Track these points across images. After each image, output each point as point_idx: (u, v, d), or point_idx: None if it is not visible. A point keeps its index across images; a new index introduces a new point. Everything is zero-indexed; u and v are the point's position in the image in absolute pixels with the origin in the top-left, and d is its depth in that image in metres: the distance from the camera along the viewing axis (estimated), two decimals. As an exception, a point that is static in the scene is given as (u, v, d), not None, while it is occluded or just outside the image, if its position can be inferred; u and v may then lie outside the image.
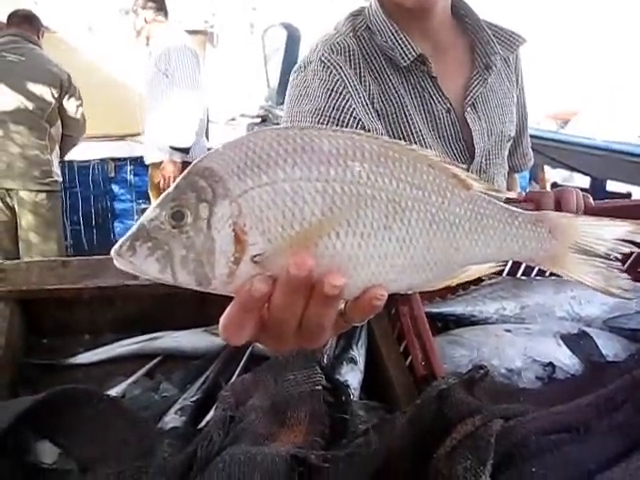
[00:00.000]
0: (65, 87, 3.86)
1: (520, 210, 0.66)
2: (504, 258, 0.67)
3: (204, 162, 0.57)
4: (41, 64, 3.81)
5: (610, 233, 0.69)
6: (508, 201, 1.47)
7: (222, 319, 0.58)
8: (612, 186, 4.55)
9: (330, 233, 0.56)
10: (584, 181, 4.72)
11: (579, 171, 4.78)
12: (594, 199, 1.32)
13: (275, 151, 0.56)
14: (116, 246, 0.56)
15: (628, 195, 4.19)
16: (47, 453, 0.91)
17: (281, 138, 0.56)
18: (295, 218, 0.55)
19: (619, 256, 0.69)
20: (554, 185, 4.76)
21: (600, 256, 0.69)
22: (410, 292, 0.65)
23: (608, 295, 0.70)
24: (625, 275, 0.69)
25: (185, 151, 4.18)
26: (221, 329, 0.58)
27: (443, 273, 0.63)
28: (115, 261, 0.56)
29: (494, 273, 1.08)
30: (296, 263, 0.54)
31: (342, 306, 0.61)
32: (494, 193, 0.65)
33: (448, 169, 0.61)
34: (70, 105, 3.94)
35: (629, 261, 1.27)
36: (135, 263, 0.56)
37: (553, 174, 5.86)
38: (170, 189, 0.57)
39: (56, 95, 3.81)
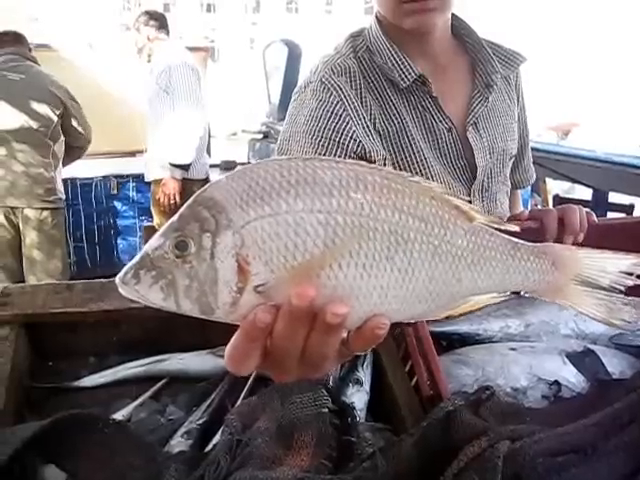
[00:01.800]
0: (66, 102, 3.87)
1: (522, 242, 0.67)
2: (507, 289, 0.67)
3: (208, 192, 0.57)
4: (41, 81, 3.83)
5: (613, 266, 0.69)
6: (512, 217, 1.48)
7: (227, 349, 0.59)
8: (614, 197, 4.55)
9: (332, 264, 0.56)
10: (586, 193, 4.72)
11: (581, 183, 4.78)
12: (596, 211, 1.32)
13: (278, 182, 0.56)
14: (120, 274, 0.57)
15: (630, 206, 4.18)
16: (53, 478, 0.91)
17: (284, 169, 0.57)
18: (297, 249, 0.56)
19: (622, 288, 0.69)
20: (556, 197, 4.76)
21: (603, 288, 0.69)
22: (412, 321, 0.66)
23: (611, 327, 0.71)
24: (628, 307, 0.70)
25: (185, 168, 4.19)
26: (227, 360, 0.59)
27: (445, 303, 0.63)
28: (119, 289, 0.57)
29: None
30: (298, 294, 0.54)
31: (345, 335, 0.61)
32: (496, 225, 0.65)
33: (450, 201, 0.62)
34: (72, 119, 3.94)
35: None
36: (139, 291, 0.56)
37: (555, 186, 5.87)
38: (174, 218, 0.57)
39: (57, 112, 3.82)
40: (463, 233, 0.62)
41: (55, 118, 3.82)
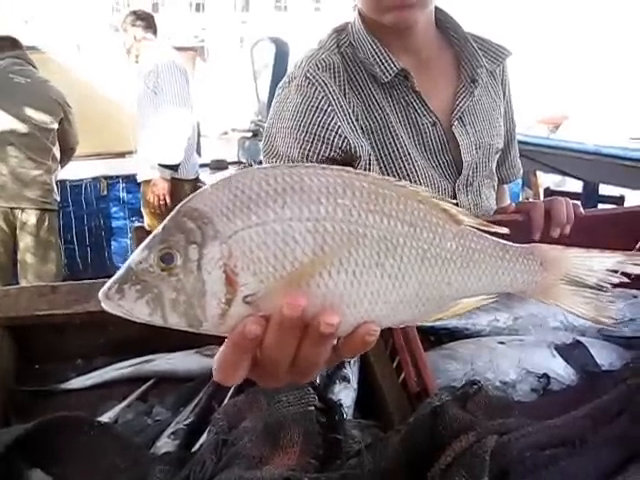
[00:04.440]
0: (64, 107, 3.93)
1: (511, 243, 0.67)
2: (496, 291, 0.67)
3: (192, 203, 0.56)
4: (44, 86, 3.88)
5: (600, 264, 0.70)
6: (498, 211, 1.47)
7: (216, 360, 0.58)
8: (605, 190, 4.56)
9: (322, 272, 0.56)
10: (577, 185, 4.73)
11: (571, 175, 4.79)
12: (587, 203, 1.32)
13: (264, 191, 0.55)
14: (104, 288, 0.55)
15: (621, 198, 4.19)
16: (39, 482, 0.90)
17: (270, 177, 0.56)
18: (286, 258, 0.55)
19: (609, 286, 0.69)
20: (547, 190, 4.77)
21: (590, 287, 0.70)
22: (402, 326, 0.65)
23: (599, 324, 0.72)
24: (614, 305, 0.70)
25: (174, 168, 4.18)
26: (215, 371, 0.58)
27: (435, 307, 0.63)
28: (103, 304, 0.56)
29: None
30: (289, 304, 0.53)
31: (335, 342, 0.60)
32: (485, 227, 0.65)
33: (438, 204, 0.62)
34: (67, 123, 3.98)
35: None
36: (124, 306, 0.55)
37: (546, 179, 5.87)
38: (158, 230, 0.56)
39: (58, 117, 3.87)
40: (452, 236, 0.62)
41: (56, 123, 3.87)
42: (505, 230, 0.66)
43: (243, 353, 0.57)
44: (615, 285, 0.71)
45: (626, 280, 0.71)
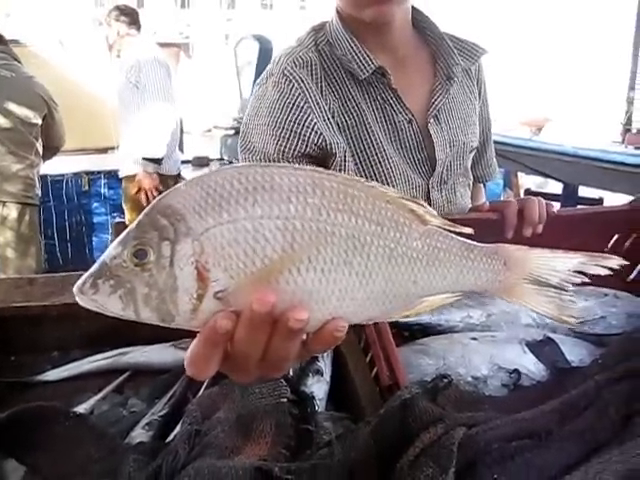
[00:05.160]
0: (49, 103, 3.91)
1: (476, 243, 0.68)
2: (460, 289, 0.68)
3: (166, 200, 0.58)
4: (29, 81, 3.86)
5: (563, 265, 0.72)
6: (473, 209, 1.49)
7: (188, 355, 0.59)
8: (584, 191, 4.60)
9: (291, 269, 0.57)
10: (558, 187, 4.77)
11: (552, 177, 4.83)
12: (566, 205, 1.34)
13: (236, 189, 0.57)
14: (78, 283, 0.57)
15: (600, 200, 4.23)
16: (13, 472, 0.90)
17: (242, 176, 0.57)
18: (256, 255, 0.56)
19: (571, 286, 0.71)
20: (527, 191, 4.81)
21: (553, 286, 0.72)
22: (370, 322, 0.67)
23: (561, 323, 0.74)
24: (576, 304, 0.73)
25: (157, 162, 4.18)
26: (187, 365, 0.59)
27: (401, 305, 0.65)
28: (77, 298, 0.57)
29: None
30: (258, 299, 0.55)
31: (304, 337, 0.62)
32: (450, 227, 0.66)
33: (406, 205, 0.63)
34: (52, 120, 3.96)
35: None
36: (97, 301, 0.56)
37: (527, 181, 5.92)
38: (132, 226, 0.57)
39: (42, 112, 3.86)
40: (418, 236, 0.63)
41: (40, 119, 3.85)
42: (469, 230, 0.67)
43: (214, 347, 0.58)
44: (586, 283, 0.73)
45: (586, 280, 0.72)
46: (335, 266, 0.59)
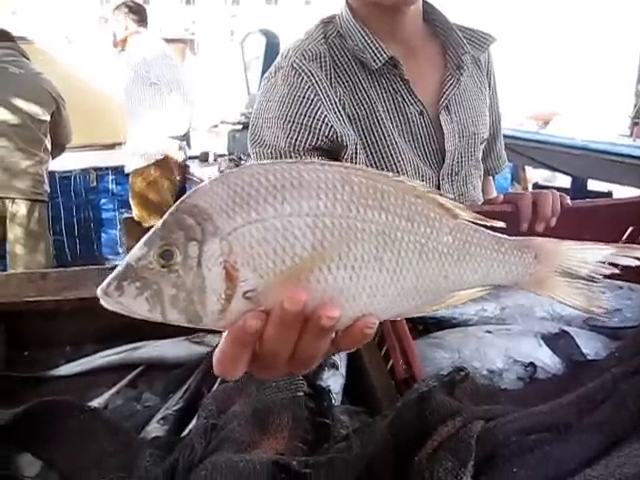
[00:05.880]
0: (58, 100, 3.92)
1: (506, 237, 0.68)
2: (491, 283, 0.68)
3: (191, 199, 0.57)
4: (37, 78, 3.86)
5: (592, 256, 0.71)
6: (486, 202, 1.48)
7: (216, 354, 0.58)
8: (593, 185, 4.58)
9: (321, 267, 0.56)
10: (566, 181, 4.75)
11: (560, 171, 4.82)
12: (575, 198, 1.33)
13: (264, 187, 0.56)
14: (103, 285, 0.55)
15: (609, 194, 4.21)
16: (29, 466, 0.90)
17: (269, 174, 0.56)
18: (286, 253, 0.55)
19: (600, 277, 0.71)
20: (535, 185, 4.79)
21: (582, 278, 0.71)
22: (399, 318, 0.66)
23: (590, 314, 0.73)
24: (605, 295, 0.72)
25: (182, 138, 4.30)
26: (216, 365, 0.58)
27: (432, 299, 0.64)
28: (102, 301, 0.56)
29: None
30: (290, 298, 0.54)
31: (333, 334, 0.61)
32: (481, 221, 0.66)
33: (435, 199, 0.62)
34: (60, 117, 3.98)
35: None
36: (123, 303, 0.55)
37: (535, 174, 5.90)
38: (157, 226, 0.56)
39: (51, 109, 3.87)
40: (448, 230, 0.63)
41: (48, 115, 3.86)
42: (501, 224, 0.67)
43: (243, 347, 0.57)
44: (612, 276, 0.72)
45: (616, 271, 0.72)
46: (366, 263, 0.58)
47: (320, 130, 1.27)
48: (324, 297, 0.57)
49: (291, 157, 1.27)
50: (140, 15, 4.30)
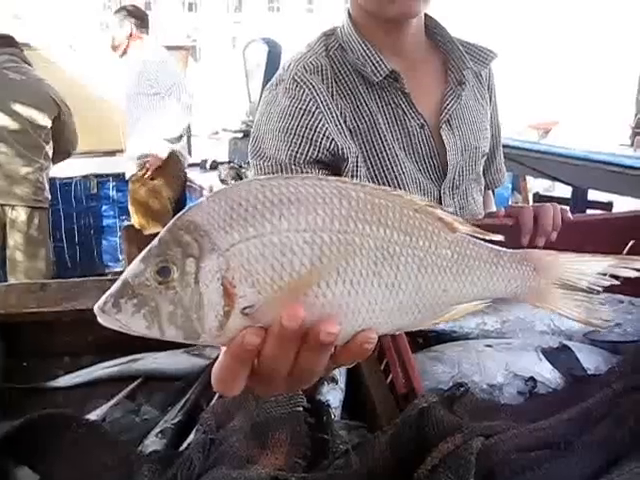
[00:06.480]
0: (61, 107, 3.91)
1: (505, 250, 0.67)
2: (491, 296, 0.67)
3: (188, 215, 0.56)
4: (39, 84, 3.86)
5: (591, 268, 0.71)
6: (488, 215, 1.47)
7: (214, 371, 0.58)
8: (593, 195, 4.58)
9: (320, 282, 0.56)
10: (566, 191, 4.74)
11: (560, 181, 4.80)
12: (575, 209, 1.33)
13: (261, 203, 0.55)
14: (100, 302, 0.55)
15: (609, 204, 4.21)
16: (26, 479, 0.90)
17: (266, 189, 0.56)
18: (284, 269, 0.55)
19: (600, 289, 0.70)
20: (536, 195, 4.79)
21: (582, 290, 0.70)
22: (398, 332, 0.65)
23: (590, 326, 0.73)
24: (605, 307, 0.71)
25: (176, 140, 4.31)
26: (214, 381, 0.58)
27: (431, 313, 0.64)
28: (99, 318, 0.55)
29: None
30: (288, 314, 0.53)
31: (332, 350, 0.61)
32: (480, 235, 0.65)
33: (434, 213, 0.62)
34: (63, 125, 3.97)
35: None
36: (121, 320, 0.55)
37: (535, 184, 5.90)
38: (153, 243, 0.56)
39: (53, 116, 3.85)
40: (447, 244, 0.62)
41: (50, 121, 3.85)
42: (499, 237, 0.66)
43: (242, 364, 0.57)
44: (602, 290, 0.72)
45: (616, 282, 0.71)
46: (364, 278, 0.57)
47: (321, 143, 1.27)
48: (323, 313, 0.56)
49: (292, 170, 1.27)
50: (141, 19, 4.31)
